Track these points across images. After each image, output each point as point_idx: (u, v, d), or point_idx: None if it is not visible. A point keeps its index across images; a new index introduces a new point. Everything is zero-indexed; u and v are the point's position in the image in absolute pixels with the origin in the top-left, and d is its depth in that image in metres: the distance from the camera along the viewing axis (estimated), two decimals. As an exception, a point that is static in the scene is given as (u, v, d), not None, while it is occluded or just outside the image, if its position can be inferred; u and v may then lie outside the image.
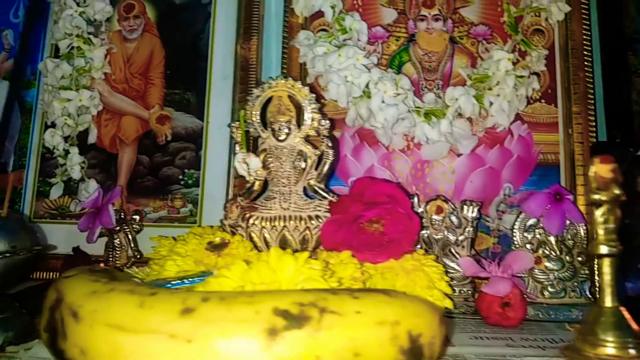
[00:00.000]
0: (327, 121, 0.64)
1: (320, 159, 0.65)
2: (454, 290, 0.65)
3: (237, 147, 0.67)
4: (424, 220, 0.71)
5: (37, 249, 0.56)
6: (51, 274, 0.86)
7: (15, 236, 0.55)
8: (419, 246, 0.68)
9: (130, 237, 0.82)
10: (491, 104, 0.80)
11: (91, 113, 0.91)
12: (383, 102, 0.80)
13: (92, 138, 0.93)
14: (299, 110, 0.65)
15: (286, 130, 0.65)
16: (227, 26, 0.94)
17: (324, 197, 0.65)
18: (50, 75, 0.90)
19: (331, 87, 0.80)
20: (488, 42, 0.88)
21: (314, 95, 0.65)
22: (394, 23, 0.91)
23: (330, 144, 0.65)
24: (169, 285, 0.50)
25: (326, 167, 0.65)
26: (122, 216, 0.82)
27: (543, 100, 0.86)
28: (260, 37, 0.93)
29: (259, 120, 0.66)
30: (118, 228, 0.81)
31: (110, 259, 0.82)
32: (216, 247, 0.60)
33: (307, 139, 0.66)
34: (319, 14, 0.89)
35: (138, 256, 0.82)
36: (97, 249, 0.82)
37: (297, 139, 0.65)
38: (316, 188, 0.65)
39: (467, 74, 0.85)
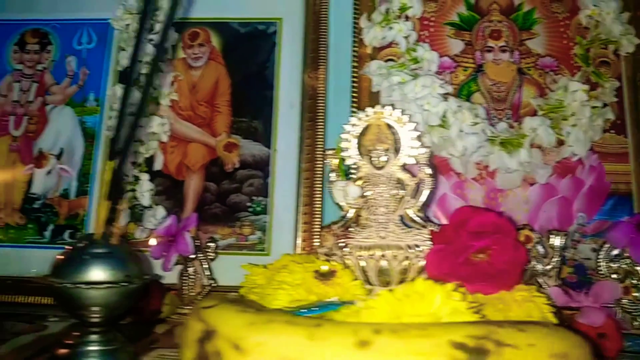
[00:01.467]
0: (427, 149, 0.65)
1: (417, 187, 0.65)
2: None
3: (333, 175, 0.67)
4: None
5: (147, 277, 0.55)
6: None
7: (128, 265, 0.54)
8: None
9: (205, 265, 0.81)
10: (568, 134, 0.80)
11: (161, 139, 0.90)
12: (461, 131, 0.80)
13: (158, 165, 0.92)
14: (396, 138, 0.65)
15: (384, 158, 0.65)
16: (293, 55, 0.95)
17: (423, 226, 0.64)
18: (120, 101, 0.90)
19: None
20: (555, 73, 0.89)
21: (413, 123, 0.65)
22: (461, 54, 0.92)
23: (429, 172, 0.64)
24: (301, 313, 0.49)
25: (425, 195, 0.65)
26: (198, 244, 0.81)
27: (613, 131, 0.87)
28: (327, 66, 0.94)
29: (356, 148, 0.65)
30: (193, 256, 0.80)
31: (185, 287, 0.81)
32: (324, 276, 0.59)
33: (404, 167, 0.65)
34: (386, 43, 0.89)
35: (213, 284, 0.81)
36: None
37: (395, 167, 0.65)
38: (414, 216, 0.65)
39: (537, 104, 0.86)
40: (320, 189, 0.89)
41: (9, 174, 0.95)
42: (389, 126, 0.65)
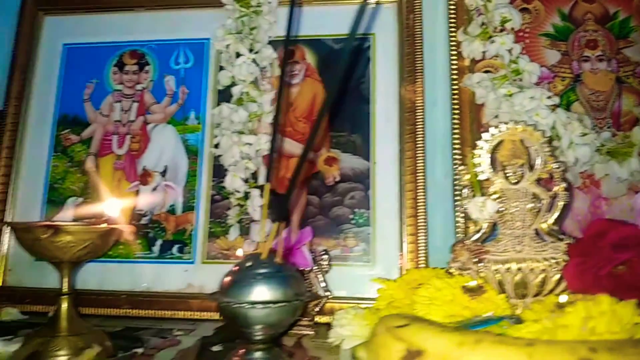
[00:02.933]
0: (561, 164, 0.66)
1: (552, 201, 0.67)
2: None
3: (466, 191, 0.69)
4: None
5: (311, 295, 0.58)
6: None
7: (293, 283, 0.57)
8: None
9: (320, 277, 0.83)
10: (678, 142, 0.81)
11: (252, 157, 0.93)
12: (572, 142, 0.81)
13: (261, 180, 0.94)
14: (530, 153, 0.67)
15: (520, 173, 0.66)
16: (388, 69, 0.97)
17: (558, 239, 0.66)
18: (225, 120, 0.93)
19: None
20: (655, 80, 0.90)
21: (547, 138, 0.66)
22: (558, 64, 0.93)
23: (564, 186, 0.66)
24: (473, 327, 0.51)
25: (560, 209, 0.66)
26: (312, 256, 0.84)
27: None
28: (424, 79, 0.95)
29: (489, 164, 0.67)
30: (309, 269, 0.83)
31: (301, 300, 0.83)
32: (472, 291, 0.60)
33: (539, 182, 0.67)
34: (490, 56, 0.91)
35: (329, 296, 0.83)
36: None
37: (529, 182, 0.66)
38: (550, 230, 0.66)
39: (639, 112, 0.87)
40: (424, 200, 0.90)
41: (116, 191, 0.98)
42: (522, 141, 0.67)
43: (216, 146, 0.95)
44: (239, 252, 0.94)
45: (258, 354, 0.57)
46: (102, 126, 1.02)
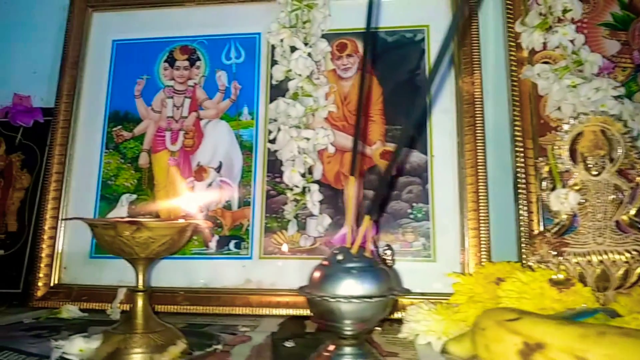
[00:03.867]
0: (644, 154, 0.65)
1: (633, 192, 0.65)
2: None
3: (545, 183, 0.67)
4: None
5: (403, 290, 0.57)
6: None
7: (388, 278, 0.56)
8: None
9: (384, 272, 0.82)
10: None
11: (328, 151, 0.92)
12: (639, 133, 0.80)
13: (317, 174, 0.94)
14: (611, 144, 0.65)
15: (601, 165, 0.65)
16: (443, 61, 0.96)
17: (640, 230, 0.65)
18: (282, 115, 0.92)
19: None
20: None
21: (628, 128, 0.65)
22: (618, 54, 0.92)
23: (648, 177, 0.65)
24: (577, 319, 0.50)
25: (642, 201, 0.65)
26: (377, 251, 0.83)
27: None
28: (482, 71, 0.94)
29: (568, 155, 0.66)
30: (375, 264, 0.82)
31: (366, 295, 0.82)
32: (559, 284, 0.60)
33: (620, 173, 0.66)
34: (552, 47, 0.89)
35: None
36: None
37: (611, 173, 0.65)
38: (632, 222, 0.65)
39: None
40: (485, 193, 0.89)
41: (171, 187, 0.98)
42: (603, 132, 0.65)
43: (271, 141, 0.94)
44: (284, 248, 0.93)
45: (349, 349, 0.57)
46: (155, 122, 1.02)
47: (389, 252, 0.83)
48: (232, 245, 0.94)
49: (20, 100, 1.11)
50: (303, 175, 0.91)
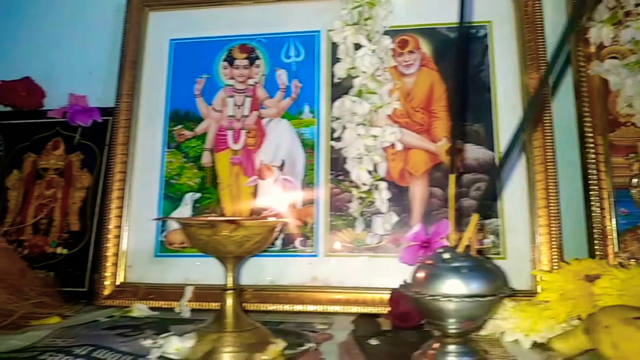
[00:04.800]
0: None
1: None
2: None
3: (636, 180, 0.67)
4: None
5: (511, 289, 0.57)
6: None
7: (497, 276, 0.56)
8: None
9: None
10: None
11: (396, 148, 0.92)
12: None
13: (382, 172, 0.94)
14: None
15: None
16: (507, 57, 0.96)
17: None
18: (347, 113, 0.92)
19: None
20: None
21: None
22: (688, 48, 0.91)
23: None
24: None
25: None
26: (451, 249, 0.82)
27: None
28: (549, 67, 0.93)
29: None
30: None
31: (440, 292, 0.82)
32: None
33: None
34: (624, 42, 0.89)
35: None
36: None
37: None
38: None
39: None
40: (555, 190, 0.89)
41: (234, 186, 0.98)
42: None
43: (335, 139, 0.94)
44: (337, 245, 0.93)
45: (453, 347, 0.57)
46: (216, 121, 1.02)
47: (441, 249, 0.83)
48: (297, 242, 0.94)
49: (76, 100, 1.11)
50: (370, 173, 0.91)
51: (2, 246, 0.70)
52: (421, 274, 0.56)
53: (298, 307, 0.90)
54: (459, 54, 0.72)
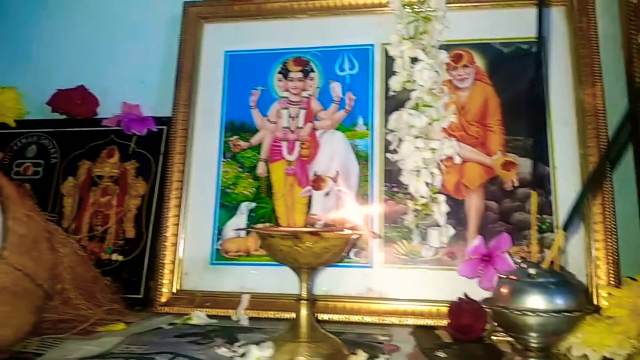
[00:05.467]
0: None
1: None
2: None
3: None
4: None
5: (595, 306, 0.58)
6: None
7: (579, 293, 0.57)
8: None
9: (519, 283, 0.83)
10: None
11: (455, 161, 0.93)
12: None
13: (438, 185, 0.95)
14: None
15: None
16: (561, 73, 0.97)
17: None
18: (404, 125, 0.94)
19: None
20: None
21: None
22: None
23: None
24: None
25: None
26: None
27: None
28: (602, 82, 0.95)
29: None
30: (510, 275, 0.82)
31: (500, 305, 0.83)
32: None
33: None
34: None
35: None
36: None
37: None
38: None
39: None
40: (611, 205, 0.89)
41: (289, 196, 1.00)
42: None
43: (390, 151, 0.96)
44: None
45: (534, 362, 0.57)
46: (271, 133, 1.04)
47: (524, 264, 0.84)
48: (352, 253, 0.95)
49: (130, 109, 1.14)
50: (427, 186, 0.92)
51: (79, 253, 0.71)
52: (505, 289, 0.57)
53: (355, 318, 0.90)
54: (537, 65, 0.72)
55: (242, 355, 0.64)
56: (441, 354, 0.73)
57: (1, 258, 0.56)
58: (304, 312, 0.68)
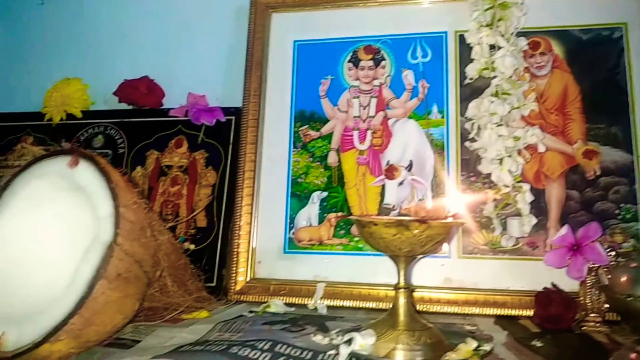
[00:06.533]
0: None
1: None
2: None
3: None
4: None
5: None
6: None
7: None
8: None
9: (608, 274, 0.81)
10: None
11: (539, 150, 0.92)
12: None
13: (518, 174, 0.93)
14: None
15: None
16: (644, 59, 0.94)
17: None
18: (485, 113, 0.92)
19: None
20: None
21: None
22: None
23: None
24: None
25: None
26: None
27: None
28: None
29: None
30: (604, 264, 0.81)
31: (589, 296, 0.81)
32: None
33: None
34: None
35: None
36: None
37: None
38: None
39: None
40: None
41: (361, 186, 0.99)
42: None
43: (469, 140, 0.94)
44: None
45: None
46: (342, 122, 1.03)
47: (612, 253, 0.83)
48: (429, 243, 0.94)
49: (195, 100, 1.14)
50: (510, 175, 0.90)
51: (171, 241, 0.72)
52: (624, 277, 0.56)
53: (434, 308, 0.90)
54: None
55: (346, 342, 0.63)
56: (538, 343, 0.71)
57: (116, 244, 0.56)
58: (402, 300, 0.68)
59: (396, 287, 0.68)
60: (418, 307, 0.91)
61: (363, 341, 0.64)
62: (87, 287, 0.55)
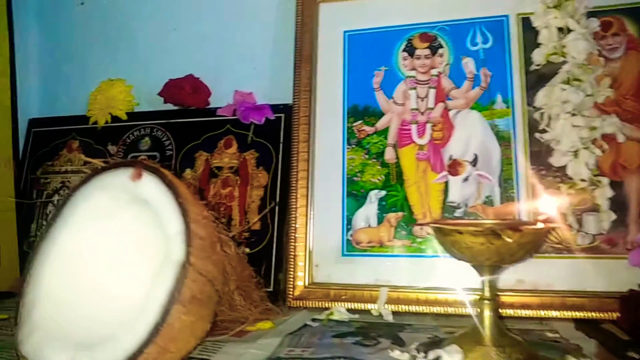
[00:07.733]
0: None
1: None
2: None
3: None
4: None
5: None
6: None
7: None
8: None
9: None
10: None
11: (618, 140, 0.85)
12: None
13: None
14: None
15: None
16: None
17: None
18: (557, 102, 0.86)
19: None
20: None
21: None
22: None
23: None
24: None
25: None
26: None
27: None
28: None
29: None
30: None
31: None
32: None
33: None
34: None
35: None
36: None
37: None
38: None
39: None
40: None
41: (421, 183, 0.94)
42: None
43: (539, 131, 0.88)
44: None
45: None
46: (398, 115, 0.98)
47: None
48: (497, 242, 0.89)
49: (242, 98, 1.10)
50: (587, 168, 0.84)
51: (237, 251, 0.68)
52: None
53: (508, 312, 0.85)
54: None
55: (430, 360, 0.59)
56: (636, 355, 0.66)
57: (190, 264, 0.53)
58: (487, 313, 0.63)
59: (481, 299, 0.63)
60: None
61: (448, 358, 0.60)
62: (161, 312, 0.52)
